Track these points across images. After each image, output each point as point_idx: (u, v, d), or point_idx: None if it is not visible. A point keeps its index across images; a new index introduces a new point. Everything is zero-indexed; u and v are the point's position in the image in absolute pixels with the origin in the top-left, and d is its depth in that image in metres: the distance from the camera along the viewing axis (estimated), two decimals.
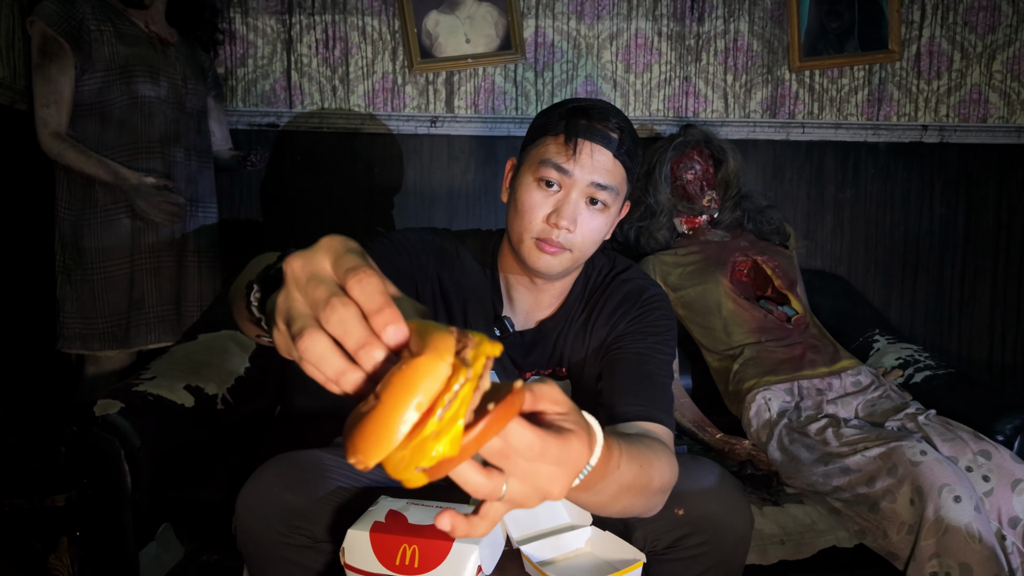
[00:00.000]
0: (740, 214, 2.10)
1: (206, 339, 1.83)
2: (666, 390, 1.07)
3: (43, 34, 1.77)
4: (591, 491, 0.71)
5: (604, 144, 1.03)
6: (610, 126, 1.03)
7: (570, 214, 1.02)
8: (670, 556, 1.03)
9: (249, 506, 1.01)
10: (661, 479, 0.85)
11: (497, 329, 1.09)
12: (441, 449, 0.47)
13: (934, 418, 1.64)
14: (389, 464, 0.47)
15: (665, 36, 2.35)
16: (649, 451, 0.83)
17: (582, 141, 1.02)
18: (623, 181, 1.06)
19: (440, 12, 2.27)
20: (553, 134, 1.04)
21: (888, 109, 2.42)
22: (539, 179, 1.04)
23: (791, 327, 1.88)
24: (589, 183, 1.03)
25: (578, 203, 1.03)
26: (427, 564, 0.89)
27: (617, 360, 1.09)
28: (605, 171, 1.03)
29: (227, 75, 2.27)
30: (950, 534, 1.31)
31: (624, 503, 0.80)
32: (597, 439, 0.66)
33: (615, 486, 0.75)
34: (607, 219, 1.07)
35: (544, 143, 1.05)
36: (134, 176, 1.82)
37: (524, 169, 1.07)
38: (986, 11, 2.40)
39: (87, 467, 1.32)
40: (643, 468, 0.79)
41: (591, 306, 1.17)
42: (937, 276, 2.47)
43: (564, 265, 1.07)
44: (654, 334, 1.11)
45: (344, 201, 2.31)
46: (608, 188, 1.04)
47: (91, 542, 1.35)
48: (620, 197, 1.07)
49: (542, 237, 1.04)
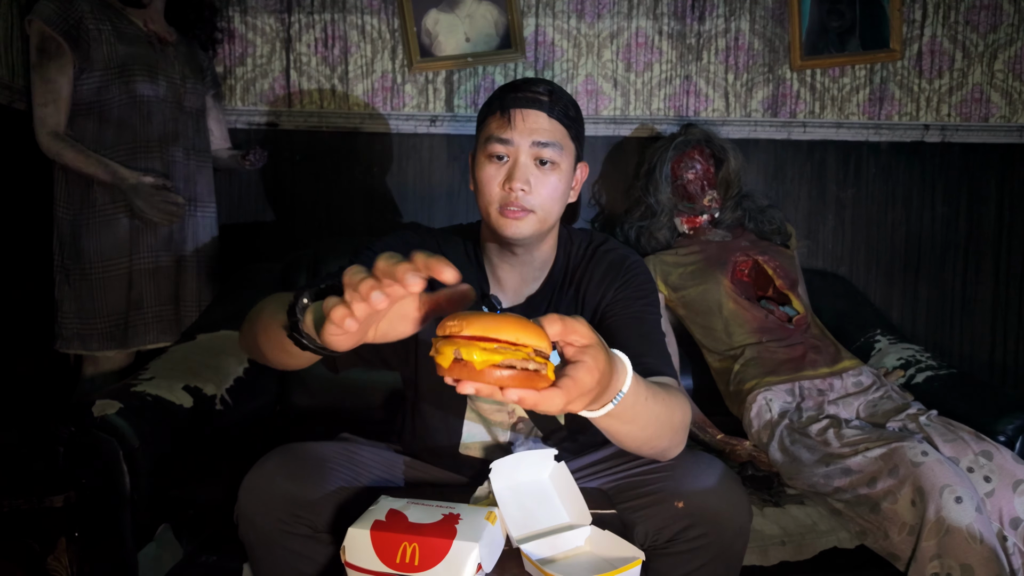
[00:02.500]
0: (741, 214, 2.09)
1: (205, 339, 1.83)
2: (664, 346, 1.16)
3: (41, 33, 1.77)
4: (625, 419, 0.88)
5: (536, 107, 1.11)
6: (539, 91, 1.12)
7: (521, 176, 1.10)
8: (670, 549, 1.05)
9: (251, 494, 1.04)
10: (683, 414, 1.00)
11: (485, 308, 1.14)
12: (476, 357, 0.69)
13: (935, 419, 1.63)
14: (455, 340, 0.70)
15: (666, 35, 2.35)
16: (667, 390, 0.97)
17: (514, 111, 1.11)
18: (564, 137, 1.13)
19: (440, 11, 2.27)
20: (492, 113, 1.14)
21: (890, 108, 2.41)
22: (489, 156, 1.13)
23: (792, 327, 1.88)
24: (530, 144, 1.11)
25: (527, 166, 1.11)
26: (427, 562, 0.89)
27: (616, 326, 1.16)
28: (542, 130, 1.11)
29: (226, 74, 2.27)
30: (951, 535, 1.31)
31: (653, 435, 0.96)
32: (628, 370, 0.84)
33: (645, 416, 0.91)
34: (560, 177, 1.13)
35: (487, 124, 1.14)
36: (133, 176, 1.81)
37: (477, 153, 1.17)
38: (988, 10, 2.40)
39: (86, 468, 1.32)
40: (666, 403, 0.95)
41: (578, 278, 1.23)
42: (939, 276, 2.47)
43: (533, 227, 1.13)
44: (642, 297, 1.19)
45: (343, 200, 2.31)
46: (550, 144, 1.11)
47: (90, 543, 1.34)
48: (567, 154, 1.14)
49: (504, 203, 1.11)
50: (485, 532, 0.93)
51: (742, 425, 1.80)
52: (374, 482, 1.15)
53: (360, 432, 1.36)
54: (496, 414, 1.24)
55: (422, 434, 1.28)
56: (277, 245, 2.30)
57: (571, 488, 1.07)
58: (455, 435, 1.25)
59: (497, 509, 1.00)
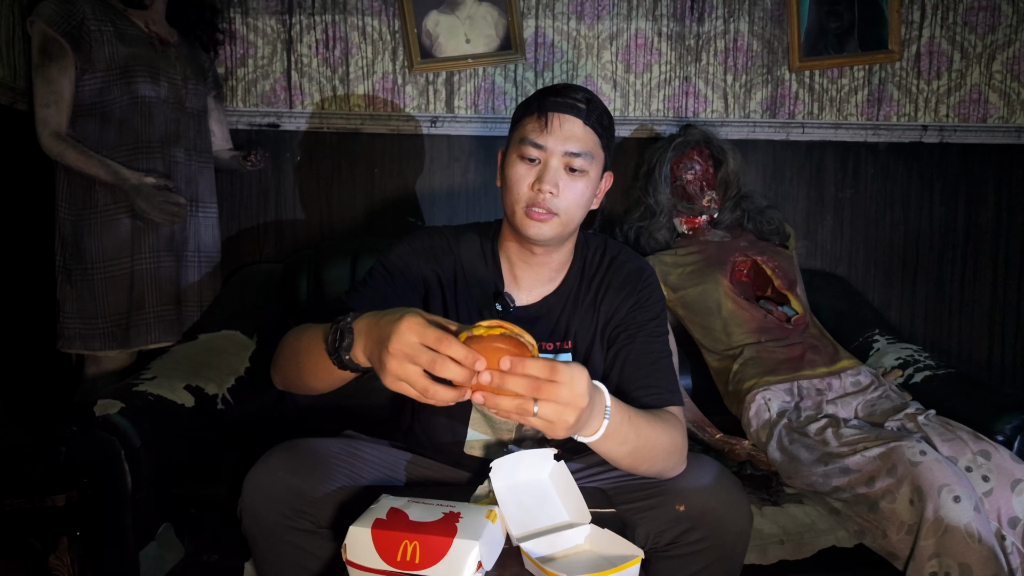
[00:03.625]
0: (740, 214, 2.10)
1: (206, 339, 1.83)
2: (670, 370, 1.19)
3: (43, 34, 1.78)
4: (619, 439, 0.95)
5: (573, 113, 1.13)
6: (578, 98, 1.14)
7: (551, 179, 1.13)
8: (671, 552, 1.06)
9: (255, 489, 1.05)
10: (671, 439, 1.05)
11: (498, 305, 1.18)
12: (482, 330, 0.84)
13: (934, 418, 1.64)
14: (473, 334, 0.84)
15: (665, 36, 2.36)
16: (656, 416, 1.04)
17: (552, 114, 1.13)
18: (596, 147, 1.16)
19: (440, 12, 2.28)
20: (529, 114, 1.16)
21: (888, 109, 2.42)
22: (521, 156, 1.15)
23: (791, 327, 1.89)
24: (564, 152, 1.13)
25: (558, 170, 1.13)
26: (428, 560, 0.90)
27: (625, 350, 1.20)
28: (576, 139, 1.13)
29: (227, 75, 2.27)
30: (950, 534, 1.32)
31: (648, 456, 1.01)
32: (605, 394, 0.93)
33: (635, 438, 0.97)
34: (587, 184, 1.16)
35: (523, 124, 1.16)
36: (134, 176, 1.82)
37: (509, 151, 1.19)
38: (986, 11, 2.41)
39: (87, 467, 1.32)
40: (654, 426, 1.01)
41: (596, 285, 1.26)
42: (937, 276, 2.47)
43: (555, 230, 1.16)
44: (654, 317, 1.23)
45: (344, 201, 2.32)
46: (582, 154, 1.13)
47: (91, 542, 1.35)
48: (596, 163, 1.17)
49: (530, 204, 1.14)
50: (485, 530, 0.93)
51: (741, 425, 1.81)
52: (376, 479, 1.15)
53: (363, 430, 1.37)
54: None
55: (428, 434, 1.29)
56: (278, 246, 2.31)
57: (571, 487, 1.08)
58: (460, 435, 1.26)
59: (497, 508, 1.00)
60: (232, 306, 1.99)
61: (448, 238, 1.27)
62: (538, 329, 1.23)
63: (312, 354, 1.01)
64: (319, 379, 1.03)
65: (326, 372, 0.99)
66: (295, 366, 1.06)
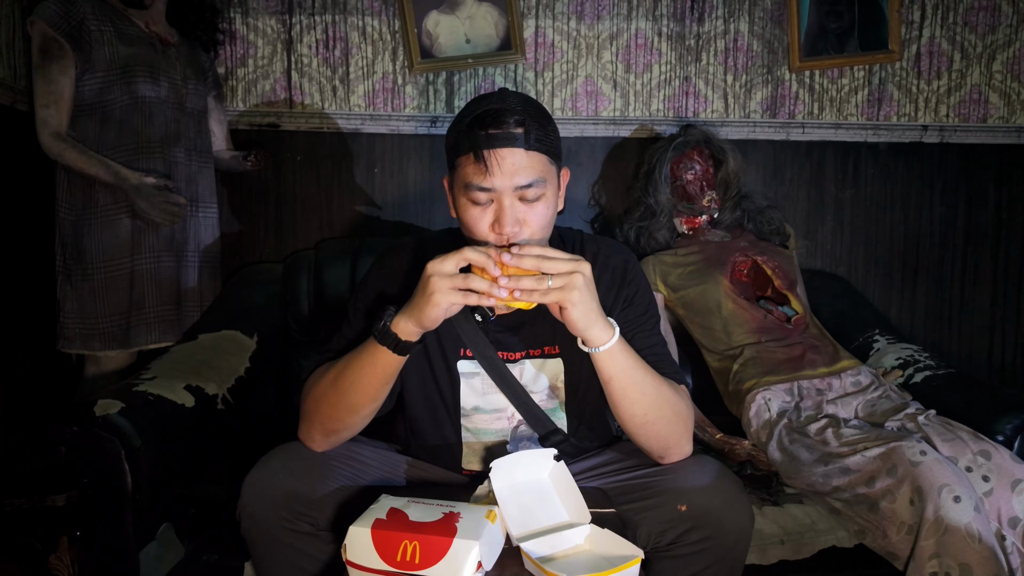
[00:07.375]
0: (740, 214, 2.10)
1: (206, 339, 1.83)
2: (670, 360, 1.19)
3: (43, 34, 1.78)
4: (622, 365, 1.04)
5: (511, 144, 1.03)
6: (510, 123, 1.03)
7: (510, 218, 1.05)
8: (672, 552, 1.05)
9: (254, 491, 1.05)
10: (678, 400, 1.09)
11: (477, 316, 1.10)
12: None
13: (934, 418, 1.64)
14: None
15: (665, 36, 2.36)
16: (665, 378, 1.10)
17: (488, 153, 1.03)
18: (546, 165, 1.07)
19: (440, 12, 2.28)
20: (464, 154, 1.06)
21: (888, 109, 2.42)
22: (470, 200, 1.07)
23: (791, 327, 1.89)
24: (514, 188, 1.04)
25: (513, 206, 1.05)
26: (428, 560, 0.90)
27: None
28: (523, 170, 1.04)
29: (227, 75, 2.27)
30: (950, 534, 1.31)
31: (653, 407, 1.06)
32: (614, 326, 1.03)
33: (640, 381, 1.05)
34: (547, 203, 1.08)
35: (461, 166, 1.07)
36: (135, 176, 1.82)
37: (456, 191, 1.10)
38: (986, 11, 2.41)
39: (87, 467, 1.32)
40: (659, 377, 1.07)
41: None
42: (937, 276, 2.47)
43: None
44: (644, 311, 1.21)
45: (344, 201, 2.31)
46: (534, 183, 1.05)
47: (91, 542, 1.35)
48: (551, 179, 1.09)
49: (496, 243, 1.06)
50: (485, 530, 0.93)
51: (741, 424, 1.81)
52: (376, 481, 1.15)
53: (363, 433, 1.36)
54: (496, 422, 1.23)
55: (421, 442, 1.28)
56: (278, 246, 2.31)
57: (570, 487, 1.08)
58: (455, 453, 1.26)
59: (497, 508, 1.00)
60: (232, 306, 1.99)
61: (415, 252, 1.21)
62: (523, 335, 1.21)
63: (351, 368, 1.06)
64: (364, 390, 1.06)
65: (370, 375, 1.05)
66: (334, 394, 1.08)
